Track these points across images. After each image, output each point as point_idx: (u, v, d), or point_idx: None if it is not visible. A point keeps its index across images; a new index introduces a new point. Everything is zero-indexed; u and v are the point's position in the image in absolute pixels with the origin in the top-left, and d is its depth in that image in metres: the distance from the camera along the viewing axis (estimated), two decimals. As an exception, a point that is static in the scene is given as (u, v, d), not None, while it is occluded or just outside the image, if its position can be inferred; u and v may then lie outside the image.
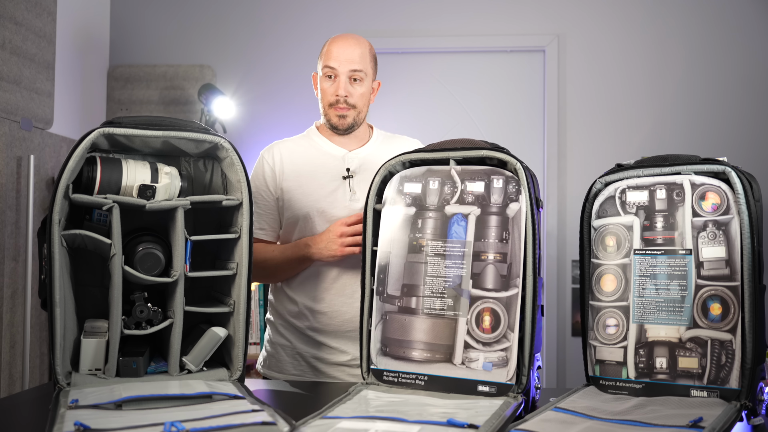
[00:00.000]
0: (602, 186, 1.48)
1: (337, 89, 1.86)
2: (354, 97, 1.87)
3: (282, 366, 1.89)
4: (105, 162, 1.44)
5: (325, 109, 1.91)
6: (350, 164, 1.89)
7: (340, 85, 1.86)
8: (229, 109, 3.58)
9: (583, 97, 3.68)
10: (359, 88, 1.88)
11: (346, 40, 1.90)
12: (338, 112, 1.88)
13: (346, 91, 1.86)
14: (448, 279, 1.42)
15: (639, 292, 1.38)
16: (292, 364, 1.88)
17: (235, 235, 1.49)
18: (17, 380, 2.77)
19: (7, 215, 2.72)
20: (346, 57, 1.86)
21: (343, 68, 1.86)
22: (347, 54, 1.86)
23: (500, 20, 3.73)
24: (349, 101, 1.87)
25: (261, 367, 1.96)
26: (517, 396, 1.31)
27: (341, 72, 1.86)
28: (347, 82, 1.86)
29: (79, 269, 1.52)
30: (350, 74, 1.86)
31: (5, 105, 2.70)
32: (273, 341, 1.93)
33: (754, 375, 1.26)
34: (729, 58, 3.60)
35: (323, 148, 1.93)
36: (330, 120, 1.90)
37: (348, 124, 1.89)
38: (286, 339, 1.90)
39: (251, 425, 1.08)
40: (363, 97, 1.90)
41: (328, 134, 1.95)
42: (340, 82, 1.86)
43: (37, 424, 1.19)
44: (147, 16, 3.87)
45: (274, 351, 1.92)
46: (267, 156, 1.94)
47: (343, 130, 1.90)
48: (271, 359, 1.92)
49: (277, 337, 1.92)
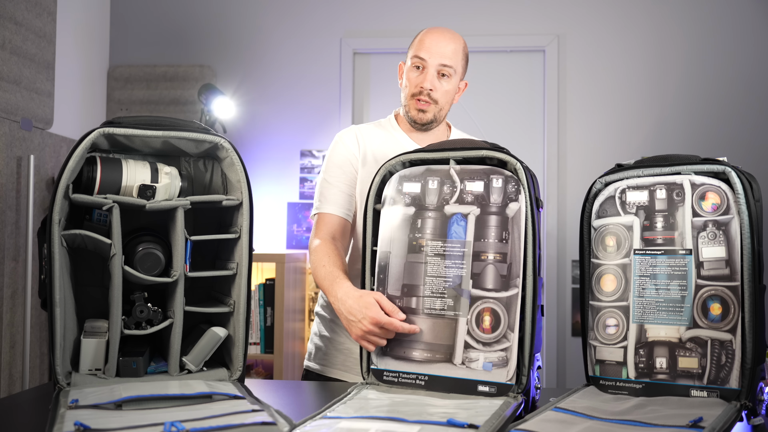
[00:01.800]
0: (602, 186, 1.48)
1: (423, 81, 1.79)
2: (438, 92, 1.80)
3: (329, 360, 1.85)
4: (105, 162, 1.44)
5: (407, 100, 1.83)
6: None
7: (427, 77, 1.79)
8: (229, 109, 3.58)
9: (583, 97, 3.68)
10: (446, 84, 1.81)
11: (441, 33, 1.82)
12: (419, 105, 1.81)
13: (432, 84, 1.79)
14: (448, 279, 1.42)
15: (639, 292, 1.38)
16: (338, 359, 1.83)
17: (235, 235, 1.49)
18: (17, 380, 2.77)
19: (7, 215, 2.72)
20: (438, 50, 1.79)
21: (433, 61, 1.78)
22: (440, 47, 1.79)
23: (500, 20, 3.73)
24: (433, 95, 1.80)
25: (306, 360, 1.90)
26: (517, 396, 1.31)
27: (430, 64, 1.79)
28: (435, 75, 1.79)
29: (79, 269, 1.52)
30: (439, 68, 1.79)
31: (5, 105, 2.70)
32: (322, 335, 1.87)
33: (754, 375, 1.26)
34: (729, 58, 3.60)
35: (402, 143, 1.85)
36: (409, 112, 1.83)
37: (428, 120, 1.83)
38: (336, 333, 1.84)
39: (251, 425, 1.08)
40: (448, 94, 1.83)
41: (407, 128, 1.88)
42: (427, 74, 1.79)
43: (37, 424, 1.19)
44: (147, 16, 3.87)
45: (322, 344, 1.87)
46: (347, 138, 1.86)
47: (422, 125, 1.84)
48: (318, 352, 1.87)
49: (328, 331, 1.87)
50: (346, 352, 1.83)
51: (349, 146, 1.85)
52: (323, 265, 1.68)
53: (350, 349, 1.82)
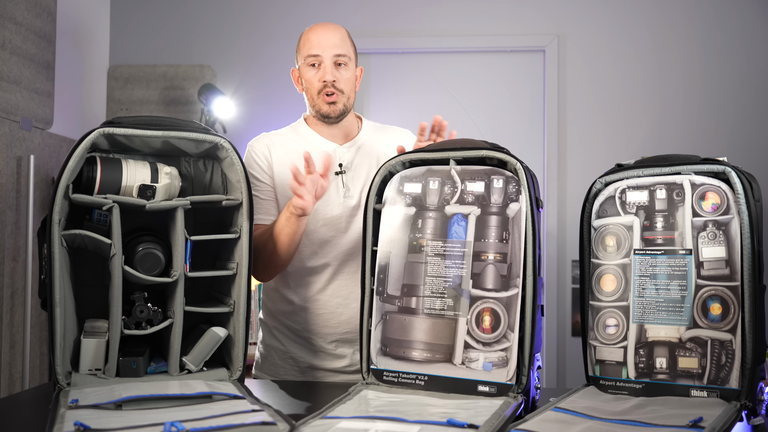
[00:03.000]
0: (602, 186, 1.48)
1: (323, 75, 1.78)
2: (341, 82, 1.80)
3: (275, 370, 1.85)
4: (105, 162, 1.44)
5: (313, 100, 1.83)
6: (342, 159, 1.83)
7: (327, 70, 1.78)
8: (229, 109, 3.58)
9: (583, 97, 3.68)
10: (345, 72, 1.81)
11: (324, 26, 1.83)
12: (328, 99, 1.79)
13: (333, 75, 1.78)
14: (448, 279, 1.42)
15: (639, 292, 1.38)
16: (284, 368, 1.84)
17: (235, 235, 1.49)
18: (17, 380, 2.77)
19: (7, 215, 2.72)
20: (328, 42, 1.79)
21: (326, 53, 1.78)
22: (328, 39, 1.79)
23: (500, 20, 3.73)
24: (337, 86, 1.79)
25: (254, 369, 1.91)
26: (517, 396, 1.31)
27: (325, 57, 1.78)
28: (332, 67, 1.79)
29: (79, 269, 1.52)
30: (335, 59, 1.79)
31: (5, 105, 2.70)
32: (266, 343, 1.88)
33: (754, 375, 1.26)
34: (729, 57, 3.60)
35: (313, 143, 1.85)
36: (320, 109, 1.82)
37: (339, 111, 1.81)
38: (279, 342, 1.85)
39: (251, 425, 1.08)
40: (350, 82, 1.82)
41: (318, 127, 1.87)
42: (325, 67, 1.78)
43: (37, 424, 1.19)
44: (147, 16, 3.87)
45: (267, 353, 1.88)
46: (257, 147, 1.85)
47: (335, 117, 1.82)
48: (265, 362, 1.88)
49: (271, 339, 1.87)
50: (290, 362, 1.84)
51: (258, 157, 1.83)
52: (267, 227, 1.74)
53: (294, 359, 1.83)
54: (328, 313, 1.81)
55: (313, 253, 1.82)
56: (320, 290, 1.82)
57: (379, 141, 1.88)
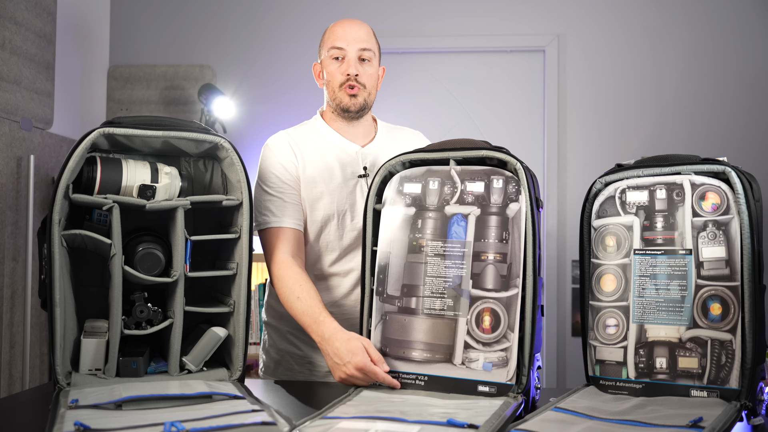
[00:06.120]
0: (602, 186, 1.48)
1: (347, 68, 1.77)
2: (364, 77, 1.78)
3: (293, 375, 1.81)
4: (105, 162, 1.44)
5: (333, 93, 1.80)
6: (365, 162, 1.80)
7: (351, 64, 1.77)
8: (229, 109, 3.58)
9: (583, 97, 3.68)
10: (368, 68, 1.80)
11: (350, 21, 1.82)
12: (350, 91, 1.77)
13: (357, 69, 1.77)
14: (448, 279, 1.42)
15: (639, 292, 1.38)
16: (302, 374, 1.80)
17: (235, 235, 1.49)
18: (17, 380, 2.77)
19: (7, 215, 2.72)
20: (353, 36, 1.78)
21: (352, 47, 1.77)
22: (354, 33, 1.79)
23: (500, 20, 3.73)
24: (360, 80, 1.77)
25: (264, 373, 1.87)
26: (517, 396, 1.31)
27: (350, 51, 1.77)
28: (356, 61, 1.78)
29: (79, 269, 1.52)
30: (359, 53, 1.78)
31: (5, 105, 2.70)
32: (280, 348, 1.84)
33: (754, 375, 1.26)
34: (729, 58, 3.61)
35: (335, 142, 1.82)
36: (341, 102, 1.79)
37: (360, 105, 1.79)
38: (296, 347, 1.81)
39: (251, 425, 1.08)
40: (372, 78, 1.81)
41: (337, 124, 1.84)
42: (350, 61, 1.77)
43: (37, 424, 1.19)
44: (147, 16, 3.87)
45: (281, 358, 1.83)
46: (279, 145, 1.80)
47: (355, 111, 1.79)
48: (279, 366, 1.83)
49: (285, 344, 1.83)
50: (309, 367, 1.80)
51: (285, 153, 1.79)
52: (297, 297, 1.61)
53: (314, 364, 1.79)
54: (354, 318, 1.72)
55: (339, 258, 1.79)
56: (344, 295, 1.79)
57: (393, 142, 1.86)
